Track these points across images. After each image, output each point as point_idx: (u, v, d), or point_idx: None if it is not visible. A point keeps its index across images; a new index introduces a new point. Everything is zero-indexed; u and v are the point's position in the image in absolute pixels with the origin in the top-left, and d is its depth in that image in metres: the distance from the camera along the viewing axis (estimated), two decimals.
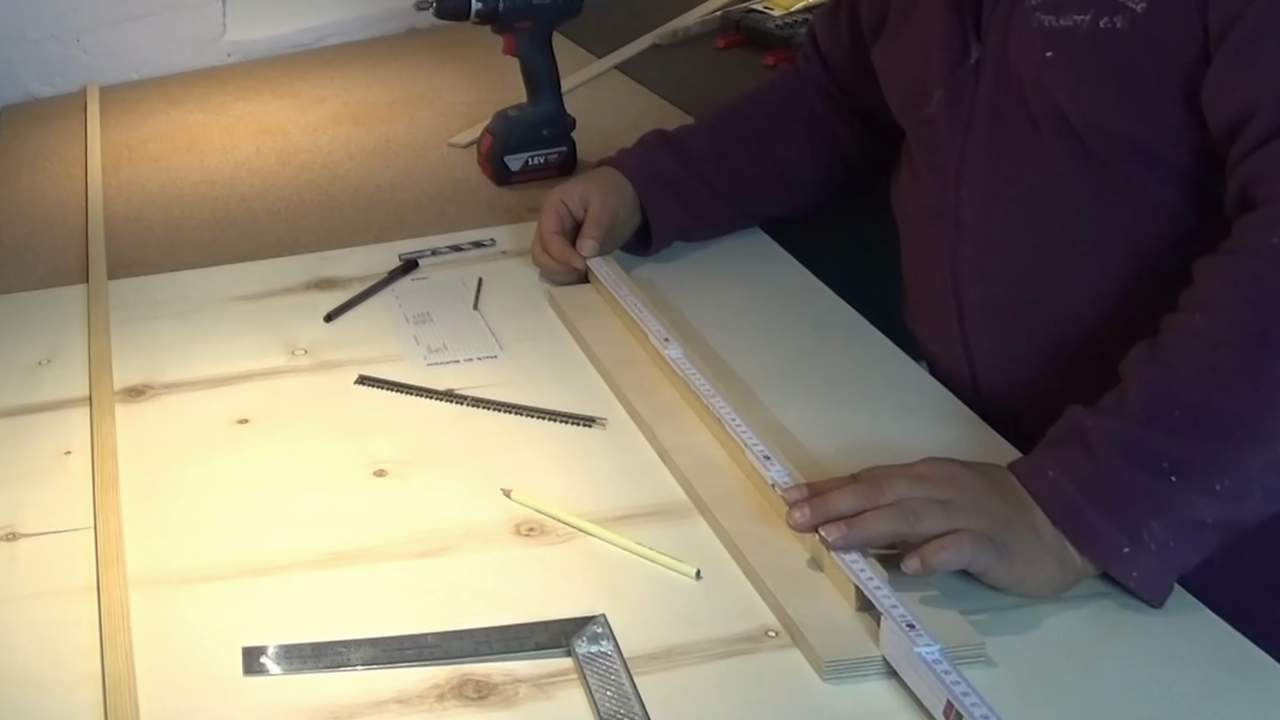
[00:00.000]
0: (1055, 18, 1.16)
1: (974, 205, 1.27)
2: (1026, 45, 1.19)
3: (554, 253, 1.50)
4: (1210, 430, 1.00)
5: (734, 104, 1.60)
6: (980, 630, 0.98)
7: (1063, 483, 1.03)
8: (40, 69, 2.30)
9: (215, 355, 1.42)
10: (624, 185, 1.52)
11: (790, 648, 1.00)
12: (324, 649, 1.01)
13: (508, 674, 0.98)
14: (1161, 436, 1.01)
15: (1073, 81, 1.16)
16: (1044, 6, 1.17)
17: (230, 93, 2.23)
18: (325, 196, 1.82)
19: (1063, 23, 1.16)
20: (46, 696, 1.00)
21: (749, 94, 1.61)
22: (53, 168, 1.99)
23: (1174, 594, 1.02)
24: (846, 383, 1.31)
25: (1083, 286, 1.20)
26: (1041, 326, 1.24)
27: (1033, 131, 1.20)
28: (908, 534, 1.01)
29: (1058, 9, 1.16)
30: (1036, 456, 1.07)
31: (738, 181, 1.55)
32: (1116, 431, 1.02)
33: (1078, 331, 1.22)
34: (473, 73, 2.20)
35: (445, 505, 1.17)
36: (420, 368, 1.38)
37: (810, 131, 1.55)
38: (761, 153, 1.54)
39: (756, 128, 1.55)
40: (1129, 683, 0.96)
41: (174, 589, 1.09)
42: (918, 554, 1.00)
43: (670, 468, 1.20)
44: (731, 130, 1.56)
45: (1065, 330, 1.22)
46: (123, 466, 1.24)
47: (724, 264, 1.57)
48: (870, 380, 1.31)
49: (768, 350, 1.37)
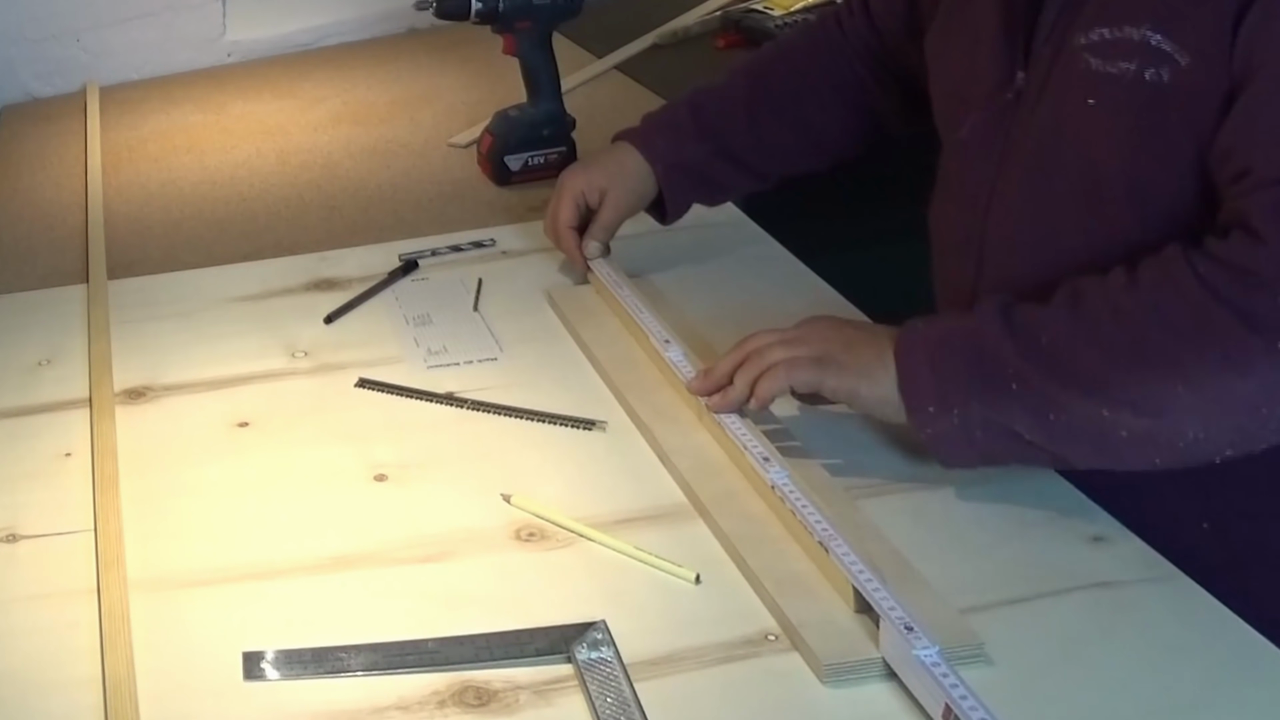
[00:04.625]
0: (1103, 62, 1.13)
1: (996, 244, 1.24)
2: (1070, 86, 1.16)
3: (564, 247, 1.51)
4: (1058, 368, 1.07)
5: (769, 62, 1.54)
6: (979, 629, 0.98)
7: (920, 330, 1.14)
8: (40, 69, 2.29)
9: (215, 357, 1.42)
10: (644, 172, 1.50)
11: (790, 651, 1.00)
12: (324, 654, 1.01)
13: (508, 680, 0.98)
14: (1019, 350, 1.08)
15: (1111, 131, 1.13)
16: (1093, 48, 1.14)
17: (230, 93, 2.23)
18: (325, 196, 1.82)
19: (1109, 69, 1.12)
20: (47, 698, 1.00)
21: (785, 49, 1.56)
22: (53, 168, 1.99)
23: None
24: None
25: None
26: None
27: (1062, 176, 1.18)
28: (758, 376, 1.17)
29: (1106, 54, 1.13)
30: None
31: (765, 153, 1.52)
32: (991, 326, 1.10)
33: None
34: (473, 73, 2.20)
35: (445, 510, 1.17)
36: (420, 370, 1.38)
37: (845, 97, 1.50)
38: (794, 120, 1.51)
39: (792, 91, 1.50)
40: (1129, 676, 0.96)
41: (174, 592, 1.09)
42: (752, 394, 1.17)
43: (670, 470, 1.20)
44: (767, 96, 1.51)
45: None
46: (123, 468, 1.24)
47: (724, 264, 1.57)
48: None
49: None
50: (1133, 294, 1.07)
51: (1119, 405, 1.05)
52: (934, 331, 1.14)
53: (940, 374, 1.11)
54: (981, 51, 1.25)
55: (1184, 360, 1.04)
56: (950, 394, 1.10)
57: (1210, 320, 1.03)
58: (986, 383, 1.09)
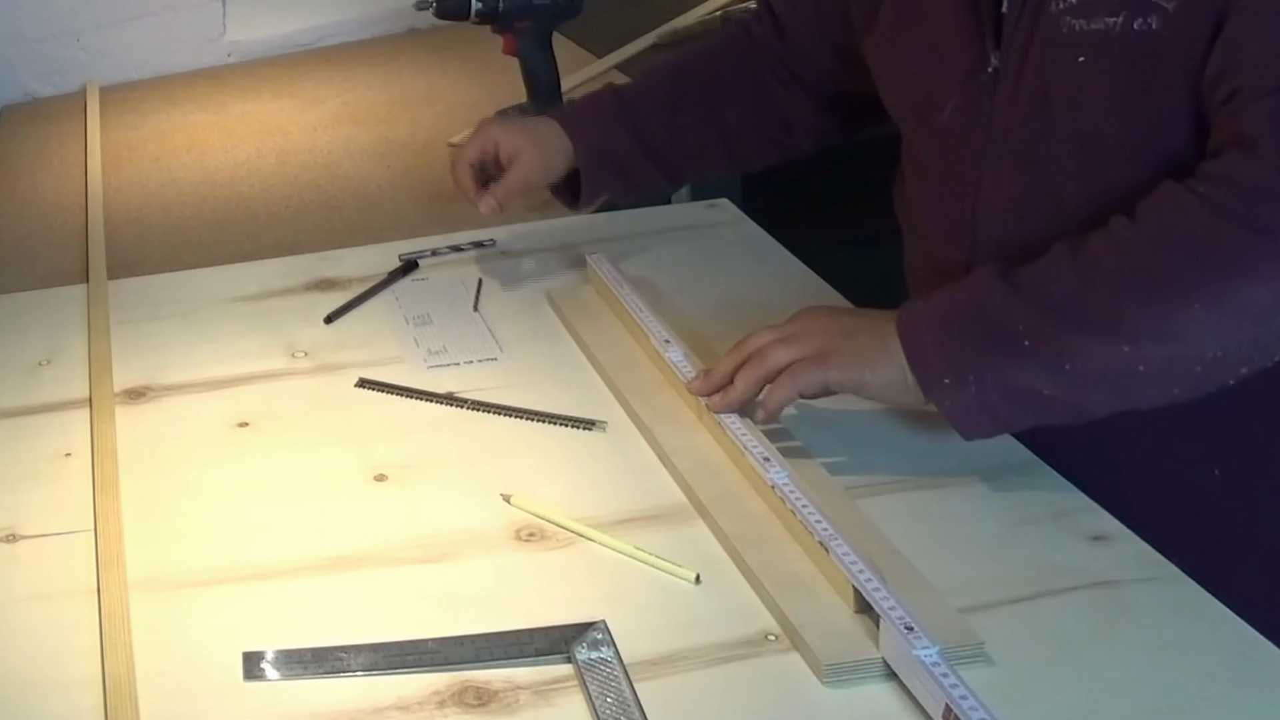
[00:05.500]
0: (1086, 21, 1.14)
1: (991, 220, 1.25)
2: (1055, 52, 1.17)
3: (460, 181, 1.50)
4: (1071, 315, 1.08)
5: (689, 64, 1.55)
6: (979, 629, 0.98)
7: (921, 308, 1.15)
8: (40, 69, 2.30)
9: (215, 357, 1.42)
10: (563, 149, 1.48)
11: (790, 651, 1.00)
12: (324, 654, 1.01)
13: (508, 680, 0.98)
14: (1028, 307, 1.09)
15: (1106, 88, 1.14)
16: (1073, 10, 1.15)
17: (230, 93, 2.23)
18: (325, 196, 1.82)
19: (1094, 26, 1.14)
20: (46, 699, 0.99)
21: (702, 54, 1.57)
22: (53, 168, 1.99)
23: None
24: None
25: None
26: None
27: (1058, 142, 1.18)
28: (766, 378, 1.17)
29: (1088, 12, 1.14)
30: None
31: (683, 151, 1.52)
32: (992, 290, 1.11)
33: None
34: (473, 73, 2.20)
35: (445, 510, 1.17)
36: (420, 370, 1.38)
37: (757, 104, 1.51)
38: (710, 122, 1.51)
39: (709, 95, 1.51)
40: (1130, 676, 0.96)
41: (174, 592, 1.09)
42: (760, 404, 1.16)
43: (670, 470, 1.20)
44: (685, 94, 1.51)
45: None
46: (123, 469, 1.24)
47: (724, 264, 1.57)
48: None
49: None
50: (1136, 229, 1.09)
51: (1139, 338, 1.07)
52: (935, 306, 1.14)
53: (949, 346, 1.11)
54: (946, 38, 1.26)
55: (1198, 279, 1.05)
56: (963, 364, 1.11)
57: (1219, 235, 1.05)
58: (998, 346, 1.10)
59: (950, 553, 1.09)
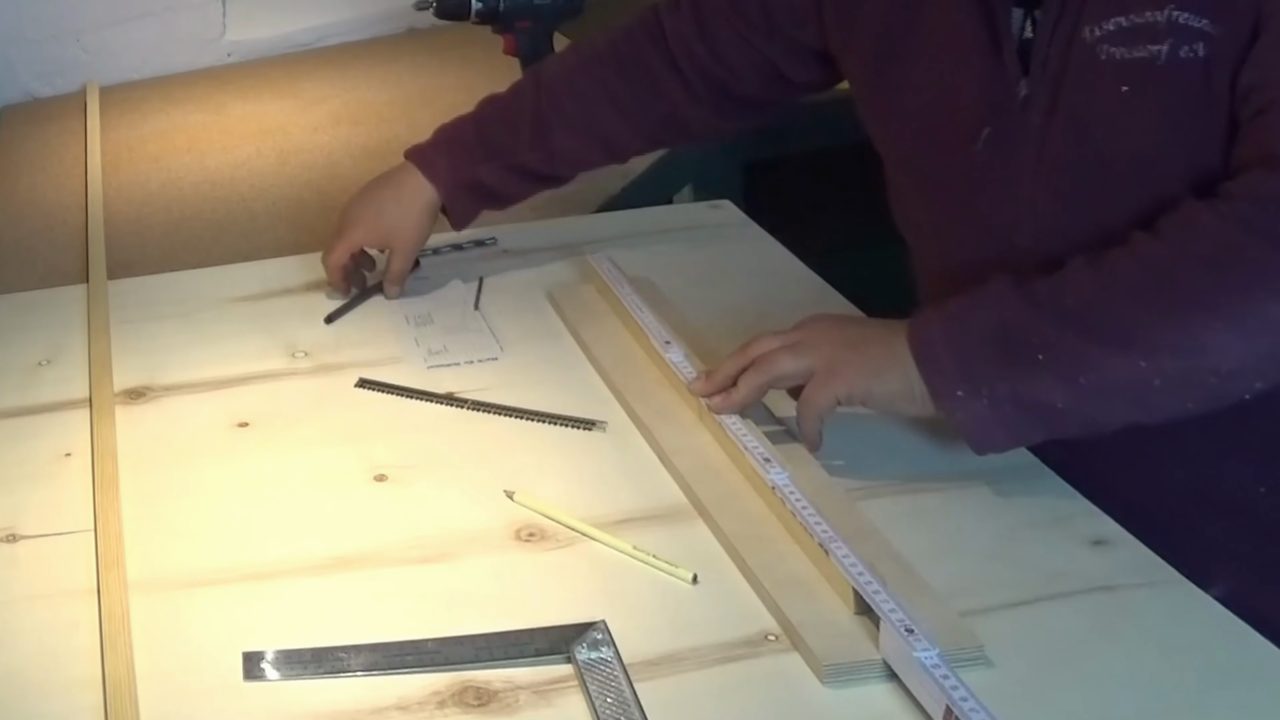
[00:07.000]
0: (1127, 50, 1.12)
1: (1030, 245, 1.20)
2: (1093, 79, 1.14)
3: (334, 285, 1.51)
4: (1089, 328, 1.08)
5: (564, 69, 1.53)
6: (980, 631, 0.98)
7: (934, 319, 1.14)
8: (40, 69, 2.30)
9: (215, 357, 1.42)
10: (428, 196, 1.50)
11: (790, 652, 1.00)
12: (324, 655, 1.01)
13: (508, 681, 0.98)
14: (1045, 319, 1.09)
15: (1158, 114, 1.13)
16: (1111, 38, 1.13)
17: (230, 93, 2.23)
18: (325, 196, 1.82)
19: (1136, 55, 1.12)
20: (46, 699, 0.99)
21: (586, 52, 1.54)
22: (53, 168, 1.99)
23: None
24: None
25: None
26: None
27: (1104, 167, 1.16)
28: (770, 383, 1.18)
29: (1128, 40, 1.12)
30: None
31: (554, 161, 1.52)
32: (1008, 301, 1.11)
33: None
34: (473, 73, 2.20)
35: (445, 510, 1.17)
36: (420, 370, 1.38)
37: (643, 102, 1.49)
38: (583, 127, 1.50)
39: (583, 100, 1.49)
40: (1130, 679, 0.96)
41: (174, 592, 1.09)
42: (803, 438, 1.17)
43: (670, 470, 1.20)
44: (555, 108, 1.50)
45: None
46: (123, 469, 1.24)
47: (724, 264, 1.57)
48: None
49: None
50: (1157, 244, 1.09)
51: (1157, 351, 1.06)
52: (950, 317, 1.14)
53: (963, 357, 1.11)
54: (961, 64, 1.23)
55: (1218, 293, 1.05)
56: (977, 375, 1.10)
57: (1240, 250, 1.05)
58: (1013, 358, 1.09)
59: (951, 556, 1.09)
